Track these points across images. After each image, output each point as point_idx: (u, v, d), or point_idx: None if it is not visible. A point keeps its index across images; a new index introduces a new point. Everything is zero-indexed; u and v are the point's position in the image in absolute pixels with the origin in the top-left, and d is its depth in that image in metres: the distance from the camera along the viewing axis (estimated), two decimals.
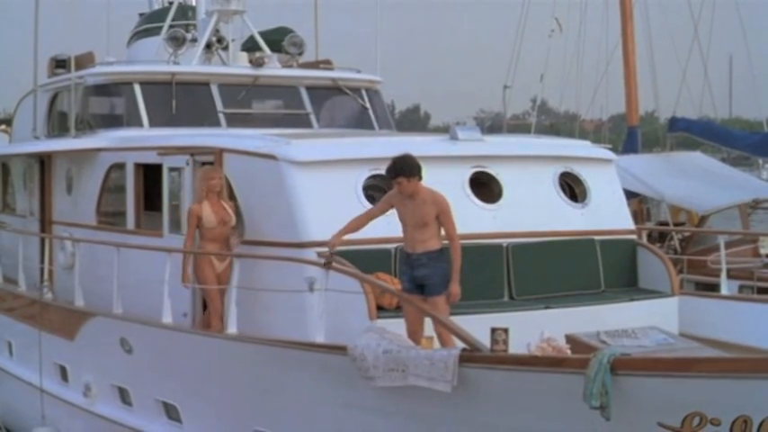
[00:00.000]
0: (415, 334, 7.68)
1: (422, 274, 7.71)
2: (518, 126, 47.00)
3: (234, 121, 12.23)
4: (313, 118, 12.75)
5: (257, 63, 12.82)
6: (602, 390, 5.99)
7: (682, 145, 20.63)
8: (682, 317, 9.69)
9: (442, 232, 7.79)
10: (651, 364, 6.11)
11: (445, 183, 8.24)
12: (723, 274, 10.68)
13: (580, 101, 24.02)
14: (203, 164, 9.94)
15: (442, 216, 7.69)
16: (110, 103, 12.78)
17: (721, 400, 5.79)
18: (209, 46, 13.57)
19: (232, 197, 9.48)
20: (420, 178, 7.68)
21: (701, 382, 5.80)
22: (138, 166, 11.10)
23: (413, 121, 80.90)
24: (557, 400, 6.36)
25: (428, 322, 7.69)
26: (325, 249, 8.04)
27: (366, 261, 8.45)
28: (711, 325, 9.76)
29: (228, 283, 8.79)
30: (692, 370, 5.86)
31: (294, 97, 12.89)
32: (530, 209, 9.65)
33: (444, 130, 11.52)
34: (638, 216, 15.47)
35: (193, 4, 14.73)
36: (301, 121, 12.68)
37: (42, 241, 12.58)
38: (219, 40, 13.73)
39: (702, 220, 15.08)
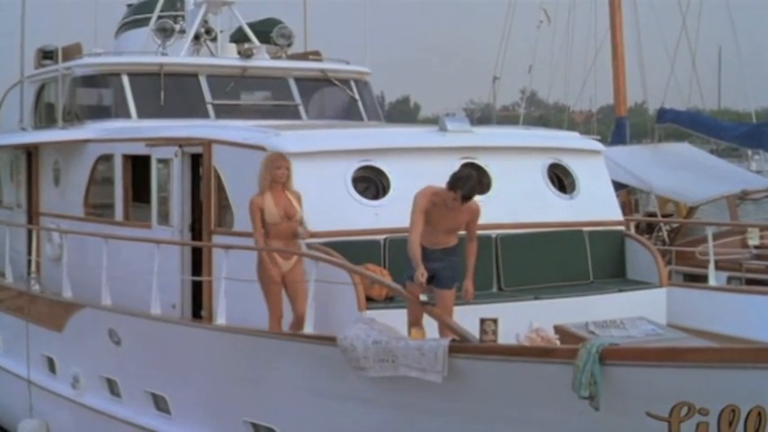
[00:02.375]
0: (416, 324, 7.69)
1: (434, 267, 7.72)
2: (507, 117, 46.87)
3: (222, 112, 12.20)
4: (302, 109, 12.72)
5: (246, 54, 12.77)
6: (590, 380, 6.00)
7: (671, 136, 20.62)
8: (670, 308, 9.71)
9: None
10: (640, 354, 6.12)
11: (434, 174, 8.21)
12: (711, 266, 10.70)
13: (569, 92, 24.07)
14: (193, 155, 9.91)
15: (474, 222, 7.87)
16: (98, 94, 12.72)
17: (709, 389, 5.81)
18: (197, 37, 13.52)
19: (221, 188, 9.44)
20: None
21: (689, 371, 5.82)
22: (126, 157, 11.08)
23: (402, 113, 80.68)
24: (546, 390, 6.38)
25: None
26: (313, 241, 7.96)
27: (355, 252, 8.44)
28: (699, 316, 9.78)
29: (302, 284, 8.23)
30: (681, 360, 5.88)
31: (283, 89, 12.85)
32: (519, 200, 9.65)
33: (434, 121, 11.48)
34: (627, 207, 15.48)
35: None
36: (290, 113, 12.65)
37: (29, 233, 12.53)
38: (208, 32, 13.69)
39: (691, 211, 15.10)
